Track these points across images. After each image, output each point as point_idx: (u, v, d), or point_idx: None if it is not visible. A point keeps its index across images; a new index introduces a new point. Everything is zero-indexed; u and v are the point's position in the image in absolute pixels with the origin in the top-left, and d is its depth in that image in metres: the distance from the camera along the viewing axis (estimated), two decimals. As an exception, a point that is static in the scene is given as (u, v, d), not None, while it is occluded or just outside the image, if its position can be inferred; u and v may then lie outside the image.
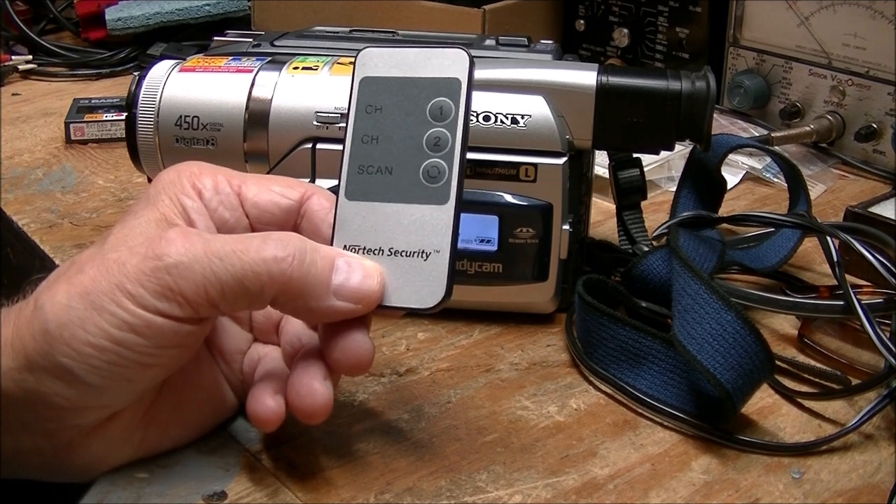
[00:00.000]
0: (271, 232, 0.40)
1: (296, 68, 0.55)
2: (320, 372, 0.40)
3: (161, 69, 0.56)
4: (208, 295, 0.38)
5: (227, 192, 0.43)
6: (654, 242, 0.58)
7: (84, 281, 0.38)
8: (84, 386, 0.38)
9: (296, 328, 0.45)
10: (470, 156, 0.52)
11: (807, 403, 0.49)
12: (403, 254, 0.40)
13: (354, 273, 0.40)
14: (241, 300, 0.38)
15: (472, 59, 0.41)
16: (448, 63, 0.41)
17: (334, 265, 0.40)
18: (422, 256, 0.40)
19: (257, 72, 0.55)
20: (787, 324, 0.56)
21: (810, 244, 0.63)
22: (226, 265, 0.38)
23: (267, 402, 0.41)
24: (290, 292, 0.39)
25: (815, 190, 0.75)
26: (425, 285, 0.40)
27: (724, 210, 0.62)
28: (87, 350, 0.37)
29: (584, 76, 0.52)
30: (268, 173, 0.53)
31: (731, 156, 0.64)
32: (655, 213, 0.66)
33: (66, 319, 0.37)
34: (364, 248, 0.41)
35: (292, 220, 0.43)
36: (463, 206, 0.52)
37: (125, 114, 0.55)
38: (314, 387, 0.40)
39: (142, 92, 0.55)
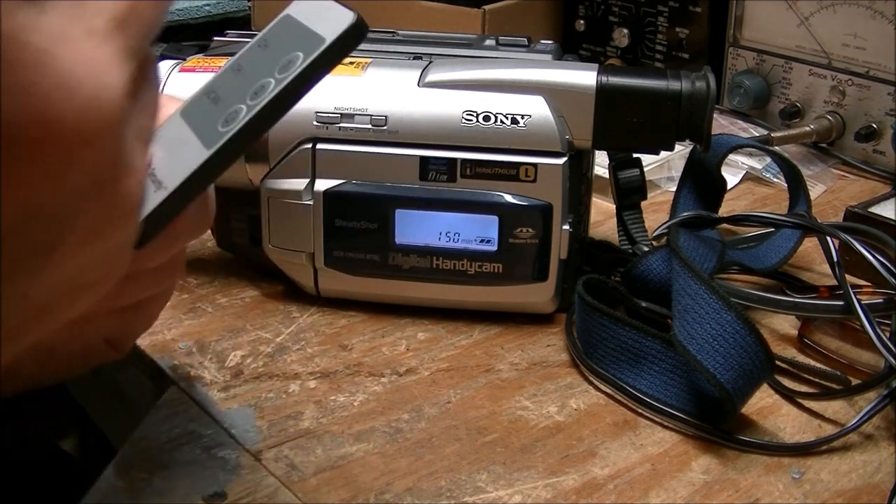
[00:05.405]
0: None
1: (296, 68, 0.55)
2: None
3: (161, 69, 0.56)
4: None
5: None
6: (654, 242, 0.58)
7: None
8: None
9: None
10: (470, 156, 0.53)
11: (807, 403, 0.49)
12: (152, 180, 0.34)
13: None
14: None
15: (357, 22, 0.34)
16: (333, 18, 0.35)
17: None
18: (160, 187, 0.34)
19: (257, 72, 0.54)
20: (787, 324, 0.56)
21: (810, 244, 0.63)
22: None
23: None
24: None
25: (815, 190, 0.75)
26: None
27: (724, 210, 0.62)
28: None
29: (584, 76, 0.52)
30: (268, 173, 0.53)
31: (731, 156, 0.64)
32: (655, 213, 0.66)
33: None
34: (149, 164, 0.35)
35: None
36: (463, 206, 0.53)
37: (125, 114, 0.55)
38: None
39: (142, 92, 0.55)
